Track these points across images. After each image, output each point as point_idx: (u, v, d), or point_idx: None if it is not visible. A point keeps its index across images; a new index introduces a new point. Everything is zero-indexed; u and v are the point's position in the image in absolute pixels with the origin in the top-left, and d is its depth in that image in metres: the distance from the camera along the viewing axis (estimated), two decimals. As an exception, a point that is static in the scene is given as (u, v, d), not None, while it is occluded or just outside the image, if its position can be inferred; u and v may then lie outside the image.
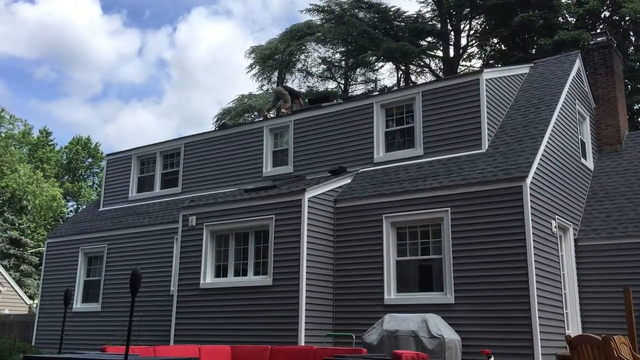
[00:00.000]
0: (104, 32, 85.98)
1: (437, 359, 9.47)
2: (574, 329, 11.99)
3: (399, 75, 34.09)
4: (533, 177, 10.86)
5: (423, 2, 31.20)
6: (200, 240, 12.96)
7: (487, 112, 12.58)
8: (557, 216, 11.84)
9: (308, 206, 11.80)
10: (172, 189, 16.90)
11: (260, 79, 36.40)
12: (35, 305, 27.47)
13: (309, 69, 36.27)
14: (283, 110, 16.70)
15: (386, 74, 50.01)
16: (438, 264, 11.25)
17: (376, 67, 35.13)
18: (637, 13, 24.02)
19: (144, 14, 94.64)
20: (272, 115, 17.57)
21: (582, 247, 12.76)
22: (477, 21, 31.07)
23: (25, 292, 33.49)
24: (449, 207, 11.19)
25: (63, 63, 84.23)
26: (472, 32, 31.20)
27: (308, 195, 11.87)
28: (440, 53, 31.61)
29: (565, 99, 13.67)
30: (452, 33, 31.12)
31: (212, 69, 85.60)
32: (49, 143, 56.85)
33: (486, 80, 12.83)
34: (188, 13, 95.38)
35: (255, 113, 31.31)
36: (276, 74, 36.36)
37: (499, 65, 25.90)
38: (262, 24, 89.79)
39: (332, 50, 34.86)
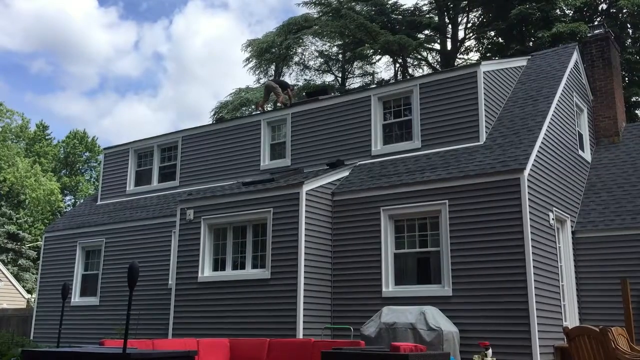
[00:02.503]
0: (100, 25, 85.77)
1: (435, 351, 9.48)
2: (572, 320, 12.02)
3: (396, 69, 34.00)
4: (531, 170, 10.86)
5: (420, -5, 31.20)
6: (198, 234, 12.96)
7: (485, 104, 12.58)
8: (554, 208, 11.86)
9: (306, 199, 11.80)
10: (170, 183, 16.89)
11: (257, 72, 36.29)
12: (33, 300, 27.46)
13: (306, 62, 36.16)
14: (279, 104, 16.67)
15: (383, 67, 50.05)
16: (436, 257, 11.27)
17: (373, 61, 35.06)
18: (634, 5, 24.01)
19: (140, 7, 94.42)
20: (269, 108, 17.55)
21: (580, 239, 12.79)
22: (474, 14, 31.01)
23: (23, 287, 33.52)
24: (447, 199, 11.20)
25: (59, 56, 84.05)
26: (469, 25, 31.15)
27: (306, 188, 11.87)
28: (437, 46, 31.57)
29: (562, 91, 13.66)
30: (450, 26, 31.05)
31: (208, 62, 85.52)
32: (46, 137, 56.69)
33: (484, 72, 12.82)
34: (184, 5, 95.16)
35: (253, 107, 31.24)
36: (273, 67, 36.24)
37: (497, 58, 25.85)
38: (259, 17, 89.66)
39: (329, 44, 34.78)
